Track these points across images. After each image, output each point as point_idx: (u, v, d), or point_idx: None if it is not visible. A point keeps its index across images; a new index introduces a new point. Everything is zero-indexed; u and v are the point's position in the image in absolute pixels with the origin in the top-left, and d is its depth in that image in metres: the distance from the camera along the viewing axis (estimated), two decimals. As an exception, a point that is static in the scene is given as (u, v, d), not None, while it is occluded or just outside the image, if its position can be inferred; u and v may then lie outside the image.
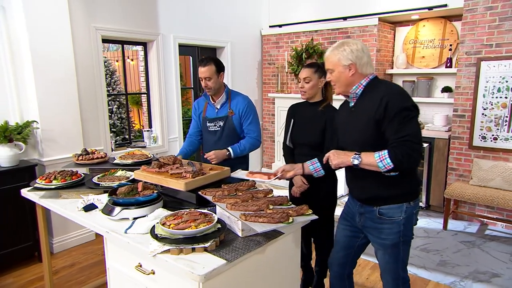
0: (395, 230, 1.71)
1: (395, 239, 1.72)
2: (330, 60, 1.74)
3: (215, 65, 2.47)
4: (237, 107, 2.56)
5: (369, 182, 1.72)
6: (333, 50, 1.73)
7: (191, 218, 1.49)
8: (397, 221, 1.70)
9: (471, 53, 3.86)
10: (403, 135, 1.54)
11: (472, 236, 3.70)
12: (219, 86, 2.53)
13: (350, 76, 1.71)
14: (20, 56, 3.13)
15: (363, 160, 1.60)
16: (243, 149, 2.52)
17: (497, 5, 3.62)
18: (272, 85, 5.72)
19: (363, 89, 1.72)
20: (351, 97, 1.76)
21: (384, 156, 1.55)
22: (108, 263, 1.74)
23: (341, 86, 1.75)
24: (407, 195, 1.71)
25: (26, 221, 3.07)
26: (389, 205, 1.70)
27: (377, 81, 1.73)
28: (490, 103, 3.81)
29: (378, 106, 1.60)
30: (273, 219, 1.44)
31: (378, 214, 1.73)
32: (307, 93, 2.30)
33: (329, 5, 5.03)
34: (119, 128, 6.99)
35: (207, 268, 1.28)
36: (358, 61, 1.69)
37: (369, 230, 1.80)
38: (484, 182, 3.81)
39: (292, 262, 1.73)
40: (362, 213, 1.81)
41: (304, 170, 1.93)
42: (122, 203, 1.75)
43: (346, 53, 1.69)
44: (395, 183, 1.67)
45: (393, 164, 1.53)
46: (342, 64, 1.70)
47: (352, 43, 1.71)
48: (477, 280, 2.85)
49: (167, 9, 4.30)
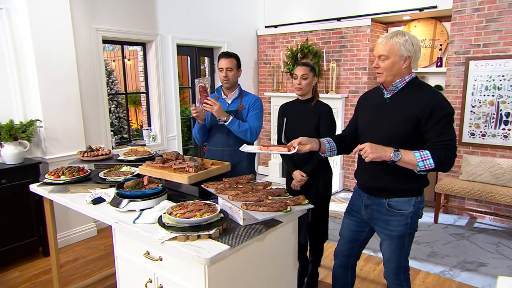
0: (403, 223, 1.79)
1: (402, 230, 1.80)
2: (388, 47, 1.68)
3: (236, 60, 2.56)
4: (247, 102, 2.59)
5: (384, 173, 1.76)
6: (393, 37, 1.68)
7: (196, 208, 1.60)
8: (406, 213, 1.78)
9: (460, 53, 4.01)
10: (446, 139, 1.61)
11: (462, 229, 3.85)
12: (235, 80, 2.58)
13: (403, 68, 1.69)
14: (24, 57, 3.22)
15: (403, 157, 1.59)
16: (241, 126, 2.44)
17: (484, 7, 3.77)
18: (268, 84, 5.84)
19: (405, 85, 1.73)
20: (390, 89, 1.75)
21: (426, 156, 1.58)
22: (116, 252, 1.84)
23: (389, 75, 1.71)
24: (416, 190, 1.79)
25: (31, 217, 3.16)
26: (398, 198, 1.78)
27: (419, 81, 1.76)
28: (478, 101, 3.96)
29: (424, 106, 1.64)
30: (272, 208, 1.55)
31: (387, 206, 1.81)
32: (303, 89, 2.44)
33: (324, 6, 5.15)
34: (117, 127, 7.07)
35: (212, 252, 1.40)
36: (415, 56, 1.69)
37: (377, 221, 1.87)
38: (473, 177, 3.96)
39: (290, 250, 1.84)
40: (369, 205, 1.88)
41: (321, 146, 1.88)
42: (129, 195, 1.85)
43: (408, 44, 1.66)
44: (409, 177, 1.72)
45: (435, 165, 1.57)
46: (400, 54, 1.67)
47: (412, 36, 1.69)
48: (465, 269, 3.00)
49: (166, 10, 4.40)
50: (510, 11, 3.66)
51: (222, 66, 2.52)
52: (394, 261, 1.90)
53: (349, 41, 4.89)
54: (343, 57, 4.97)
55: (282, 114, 2.61)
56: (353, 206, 2.03)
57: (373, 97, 1.90)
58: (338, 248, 2.11)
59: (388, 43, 1.69)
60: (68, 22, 3.34)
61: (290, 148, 1.75)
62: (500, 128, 3.86)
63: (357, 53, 4.85)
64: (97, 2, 3.71)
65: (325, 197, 2.54)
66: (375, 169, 1.81)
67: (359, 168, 1.96)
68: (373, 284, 2.82)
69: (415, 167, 1.60)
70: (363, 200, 1.93)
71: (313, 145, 1.82)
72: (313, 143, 1.82)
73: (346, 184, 5.27)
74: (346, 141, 1.99)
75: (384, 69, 1.71)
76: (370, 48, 4.75)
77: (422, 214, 1.88)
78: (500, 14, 3.71)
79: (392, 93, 1.77)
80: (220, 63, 2.54)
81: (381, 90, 1.84)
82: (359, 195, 1.97)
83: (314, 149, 1.84)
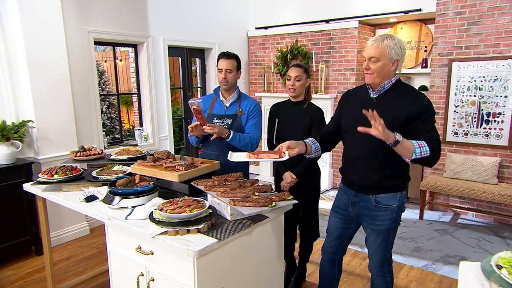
0: (389, 217, 1.89)
1: (388, 224, 1.90)
2: (379, 50, 1.74)
3: (237, 61, 2.51)
4: (246, 106, 2.55)
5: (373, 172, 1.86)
6: (383, 40, 1.74)
7: (185, 204, 1.67)
8: (391, 208, 1.88)
9: (444, 55, 4.14)
10: (435, 134, 1.71)
11: (446, 224, 3.99)
12: (234, 83, 2.54)
13: (391, 70, 1.77)
14: (16, 58, 3.25)
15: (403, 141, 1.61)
16: (241, 140, 2.43)
17: (465, 11, 3.90)
18: (258, 84, 5.92)
19: (391, 86, 1.82)
20: (378, 89, 1.83)
21: (423, 144, 1.65)
22: (109, 248, 1.91)
23: (378, 77, 1.78)
24: (401, 186, 1.90)
25: (23, 216, 3.19)
26: (385, 194, 1.88)
27: (402, 82, 1.86)
28: (461, 101, 4.10)
29: (412, 105, 1.74)
30: (258, 203, 1.64)
31: (374, 202, 1.90)
32: (297, 90, 2.47)
33: (313, 8, 5.26)
34: (109, 127, 7.10)
35: (200, 245, 1.48)
36: (401, 59, 1.77)
37: (364, 217, 1.96)
38: (456, 174, 4.10)
39: (276, 244, 1.93)
40: (356, 202, 1.96)
41: (307, 149, 1.93)
42: (121, 193, 1.92)
43: (397, 47, 1.73)
44: (396, 174, 1.85)
45: (430, 153, 1.63)
46: (390, 57, 1.74)
47: (399, 40, 1.77)
48: (447, 263, 3.12)
49: (157, 12, 4.46)
50: (490, 15, 3.80)
51: (221, 67, 2.47)
52: (379, 254, 1.99)
53: (338, 42, 5.00)
54: (332, 58, 5.08)
55: (273, 114, 2.62)
56: (339, 204, 2.09)
57: (357, 96, 1.96)
58: (326, 245, 2.20)
59: (379, 46, 1.75)
60: (59, 24, 3.39)
61: (281, 154, 1.75)
62: (481, 127, 4.01)
63: (345, 54, 4.96)
64: (88, 4, 3.76)
65: (314, 197, 2.61)
66: (365, 168, 1.89)
67: (347, 167, 2.01)
68: (358, 278, 2.92)
69: (410, 153, 1.62)
70: (349, 197, 1.99)
71: (301, 148, 1.87)
72: (301, 146, 1.87)
73: (335, 182, 5.38)
74: (329, 138, 2.05)
75: (374, 70, 1.78)
76: (357, 50, 4.87)
77: (404, 208, 1.99)
78: (481, 18, 3.85)
79: (379, 93, 1.84)
80: (220, 64, 2.49)
81: (366, 89, 1.90)
82: (345, 193, 2.04)
83: (302, 152, 1.88)
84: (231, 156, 1.81)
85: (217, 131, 2.30)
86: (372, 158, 1.85)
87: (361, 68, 5.09)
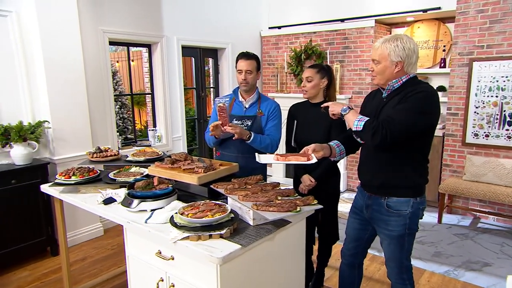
0: (401, 223, 1.82)
1: (401, 231, 1.83)
2: (379, 52, 1.72)
3: (256, 62, 2.45)
4: (266, 108, 2.50)
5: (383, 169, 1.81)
6: (384, 42, 1.71)
7: (207, 208, 1.63)
8: (404, 214, 1.81)
9: (464, 54, 4.03)
10: (395, 118, 1.63)
11: (465, 229, 3.87)
12: (254, 83, 2.48)
13: (395, 73, 1.72)
14: (33, 59, 3.26)
15: (349, 113, 1.75)
16: (262, 142, 2.38)
17: (488, 8, 3.79)
18: (271, 85, 5.87)
19: (401, 85, 1.75)
20: (387, 88, 1.79)
21: (363, 119, 1.68)
22: (127, 251, 1.88)
23: (382, 79, 1.77)
24: (414, 190, 1.81)
25: (39, 217, 3.19)
26: (397, 198, 1.81)
27: (417, 80, 1.76)
28: (482, 101, 3.98)
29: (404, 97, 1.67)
30: (282, 208, 1.59)
31: (386, 206, 1.84)
32: (308, 92, 2.43)
33: (327, 8, 5.18)
34: (121, 128, 7.12)
35: (224, 252, 1.43)
36: (407, 60, 1.69)
37: (376, 221, 1.91)
38: (476, 177, 3.98)
39: (298, 250, 1.87)
40: (370, 205, 1.92)
41: (332, 151, 1.92)
42: (140, 196, 1.88)
43: (398, 49, 1.67)
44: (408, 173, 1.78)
45: (362, 128, 1.66)
46: (390, 59, 1.69)
47: (406, 40, 1.69)
48: (470, 269, 3.02)
49: (171, 12, 4.44)
50: (514, 13, 3.68)
51: (241, 68, 2.41)
52: (394, 260, 1.93)
53: (353, 42, 4.91)
54: (347, 58, 5.00)
55: (292, 115, 2.57)
56: (357, 205, 2.06)
57: (375, 97, 1.94)
58: (344, 247, 2.15)
59: (379, 48, 1.73)
60: (76, 24, 3.38)
61: (309, 156, 1.75)
62: (503, 129, 3.88)
63: (361, 54, 4.87)
64: (104, 4, 3.75)
65: (333, 199, 2.55)
66: (373, 167, 1.86)
67: (361, 166, 1.99)
68: (378, 283, 2.84)
69: (351, 124, 1.72)
70: (364, 199, 1.97)
71: (326, 152, 1.86)
72: (326, 149, 1.87)
73: (350, 184, 5.29)
74: (352, 140, 2.00)
75: (377, 73, 1.77)
76: (373, 49, 4.77)
77: (422, 215, 1.90)
78: (504, 16, 3.73)
79: (388, 92, 1.80)
80: (239, 65, 2.43)
81: (380, 90, 1.88)
82: (361, 194, 2.01)
83: (327, 155, 1.87)
84: (260, 158, 1.79)
85: (239, 132, 2.26)
86: (380, 157, 1.81)
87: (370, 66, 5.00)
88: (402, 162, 1.78)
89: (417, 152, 1.78)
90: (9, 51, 3.15)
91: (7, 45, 3.14)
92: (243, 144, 2.40)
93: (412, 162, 1.78)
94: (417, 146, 1.76)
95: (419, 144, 1.76)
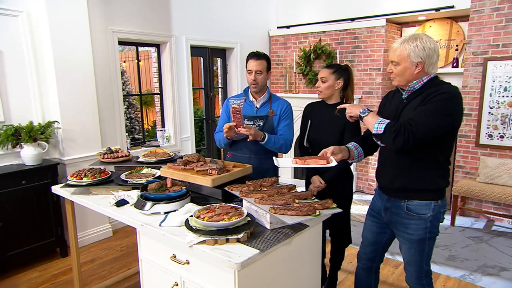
0: (422, 226, 1.77)
1: (421, 234, 1.78)
2: (398, 53, 1.67)
3: (267, 62, 2.40)
4: (278, 107, 2.46)
5: (404, 173, 1.76)
6: (403, 43, 1.66)
7: (223, 211, 1.59)
8: (425, 218, 1.76)
9: (478, 53, 3.95)
10: (418, 120, 1.57)
11: (480, 231, 3.80)
12: (264, 84, 2.45)
13: (415, 73, 1.67)
14: (43, 59, 3.24)
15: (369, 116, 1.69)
16: (276, 142, 2.35)
17: (504, 6, 3.71)
18: (280, 85, 5.82)
19: (422, 85, 1.70)
20: (407, 89, 1.74)
21: (384, 121, 1.63)
22: (140, 255, 1.84)
23: (401, 81, 1.72)
24: (436, 193, 1.75)
25: (49, 218, 3.17)
26: (418, 201, 1.76)
27: (439, 80, 1.71)
28: (497, 102, 3.90)
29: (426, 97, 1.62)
30: (301, 212, 1.54)
31: (406, 209, 1.79)
32: (322, 92, 2.38)
33: (337, 7, 5.12)
34: (128, 128, 7.12)
35: (243, 257, 1.38)
36: (428, 60, 1.64)
37: (395, 224, 1.86)
38: (491, 179, 3.90)
39: (315, 253, 1.83)
40: (389, 207, 1.87)
41: (350, 154, 1.89)
42: (153, 198, 1.85)
43: (418, 50, 1.63)
44: (429, 177, 1.73)
45: (383, 131, 1.61)
46: (410, 60, 1.64)
47: (426, 39, 1.65)
48: (486, 274, 2.95)
49: (179, 12, 4.41)
50: (530, 11, 3.60)
51: (251, 69, 2.37)
52: (414, 265, 1.88)
53: (363, 41, 4.85)
54: (357, 58, 4.94)
55: (307, 115, 2.51)
56: (374, 208, 2.01)
57: (394, 98, 1.89)
58: (361, 251, 2.09)
59: (398, 49, 1.68)
60: (85, 24, 3.36)
61: (328, 160, 1.72)
62: (519, 130, 3.80)
63: (371, 54, 4.81)
64: (113, 3, 3.73)
65: (347, 201, 2.50)
66: (394, 169, 1.81)
67: (380, 168, 1.94)
68: (392, 287, 2.78)
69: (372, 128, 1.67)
70: (383, 202, 1.92)
71: (344, 154, 1.84)
72: (344, 152, 1.84)
73: (359, 185, 5.23)
74: (370, 141, 1.96)
75: (396, 74, 1.72)
76: (384, 49, 4.71)
77: (443, 219, 1.85)
78: (520, 14, 3.65)
79: (409, 93, 1.75)
80: (249, 65, 2.39)
81: (400, 91, 1.83)
82: (379, 197, 1.96)
83: (345, 158, 1.85)
84: (278, 162, 1.76)
85: (253, 133, 2.21)
86: (401, 160, 1.76)
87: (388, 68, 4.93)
88: (424, 165, 1.73)
89: (440, 154, 1.73)
90: (20, 51, 3.14)
91: (18, 45, 3.12)
92: (256, 145, 2.38)
93: (434, 165, 1.73)
94: (440, 148, 1.71)
95: (441, 146, 1.71)
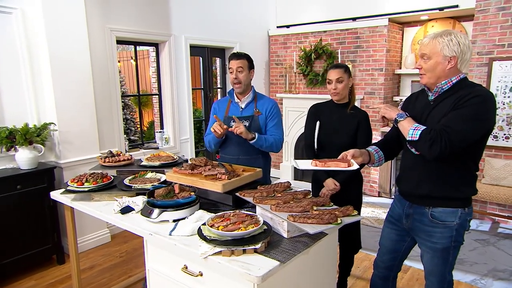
0: (447, 235, 1.68)
1: (446, 243, 1.69)
2: (431, 47, 1.59)
3: (248, 60, 2.43)
4: (263, 106, 2.47)
5: (428, 179, 1.68)
6: (437, 37, 1.58)
7: (239, 220, 1.49)
8: (450, 226, 1.67)
9: (483, 53, 3.91)
10: (451, 125, 1.50)
11: (485, 234, 3.75)
12: (248, 83, 2.46)
13: (447, 69, 1.59)
14: (38, 58, 3.11)
15: (405, 121, 1.62)
16: (265, 141, 2.36)
17: (510, 6, 3.66)
18: (279, 85, 5.73)
19: (451, 87, 1.61)
20: (435, 90, 1.65)
21: (420, 128, 1.57)
22: (148, 265, 1.74)
23: (432, 77, 1.62)
24: (463, 201, 1.67)
25: (45, 224, 3.04)
26: (443, 208, 1.67)
27: (469, 82, 1.63)
28: (502, 102, 3.86)
29: (459, 100, 1.54)
30: (322, 220, 1.45)
31: (430, 216, 1.70)
32: (340, 93, 2.30)
33: (338, 6, 5.05)
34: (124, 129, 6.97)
35: (263, 269, 1.29)
36: (461, 56, 1.57)
37: (418, 232, 1.77)
38: (496, 180, 3.86)
39: (330, 261, 1.74)
40: (410, 214, 1.78)
41: (371, 158, 1.83)
42: (161, 205, 1.74)
43: (453, 44, 1.55)
44: (455, 184, 1.65)
45: (418, 138, 1.55)
46: (443, 54, 1.57)
47: (460, 35, 1.58)
48: (497, 278, 2.89)
49: (178, 11, 4.30)
50: (537, 11, 3.56)
51: (232, 67, 2.41)
52: (436, 275, 1.79)
53: (365, 41, 4.78)
54: (359, 58, 4.87)
55: (314, 116, 2.45)
56: (393, 214, 1.92)
57: (418, 99, 1.79)
58: (378, 259, 2.01)
59: (430, 43, 1.60)
60: (83, 23, 3.24)
61: (349, 163, 1.66)
62: (525, 131, 3.76)
63: (373, 53, 4.75)
64: (111, 1, 3.60)
65: (357, 206, 2.42)
66: (418, 176, 1.72)
67: (402, 175, 1.86)
68: (403, 293, 2.71)
69: (406, 133, 1.61)
70: (404, 208, 1.82)
71: (365, 158, 1.78)
72: (364, 155, 1.78)
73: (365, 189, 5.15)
74: (391, 145, 1.90)
75: (426, 70, 1.62)
76: (386, 49, 4.65)
77: (469, 227, 1.76)
78: (526, 14, 3.61)
79: (436, 94, 1.66)
80: (230, 64, 2.42)
81: (426, 92, 1.73)
82: (400, 202, 1.87)
83: (365, 161, 1.79)
84: (298, 164, 1.71)
85: (242, 131, 2.22)
86: (427, 165, 1.67)
87: (390, 68, 4.88)
88: (453, 171, 1.64)
89: (470, 160, 1.64)
90: (14, 50, 3.00)
91: (12, 44, 2.99)
92: (244, 146, 2.40)
93: (463, 171, 1.64)
94: (471, 153, 1.62)
95: (473, 151, 1.62)
